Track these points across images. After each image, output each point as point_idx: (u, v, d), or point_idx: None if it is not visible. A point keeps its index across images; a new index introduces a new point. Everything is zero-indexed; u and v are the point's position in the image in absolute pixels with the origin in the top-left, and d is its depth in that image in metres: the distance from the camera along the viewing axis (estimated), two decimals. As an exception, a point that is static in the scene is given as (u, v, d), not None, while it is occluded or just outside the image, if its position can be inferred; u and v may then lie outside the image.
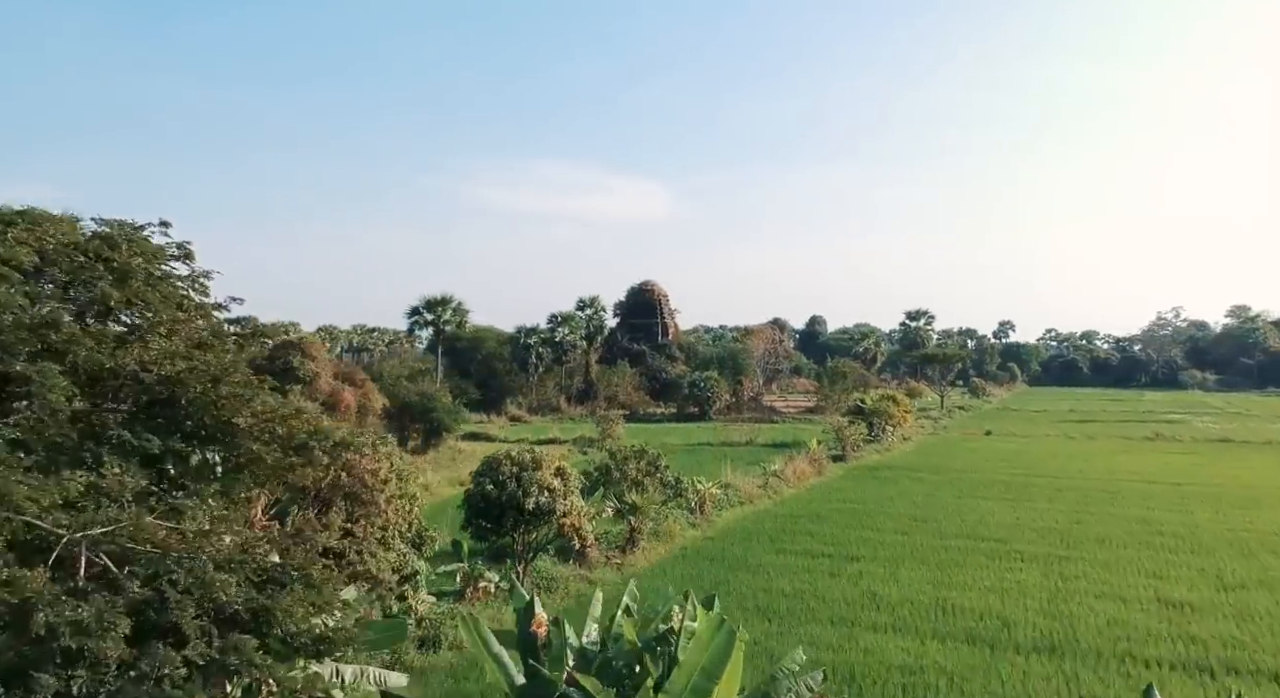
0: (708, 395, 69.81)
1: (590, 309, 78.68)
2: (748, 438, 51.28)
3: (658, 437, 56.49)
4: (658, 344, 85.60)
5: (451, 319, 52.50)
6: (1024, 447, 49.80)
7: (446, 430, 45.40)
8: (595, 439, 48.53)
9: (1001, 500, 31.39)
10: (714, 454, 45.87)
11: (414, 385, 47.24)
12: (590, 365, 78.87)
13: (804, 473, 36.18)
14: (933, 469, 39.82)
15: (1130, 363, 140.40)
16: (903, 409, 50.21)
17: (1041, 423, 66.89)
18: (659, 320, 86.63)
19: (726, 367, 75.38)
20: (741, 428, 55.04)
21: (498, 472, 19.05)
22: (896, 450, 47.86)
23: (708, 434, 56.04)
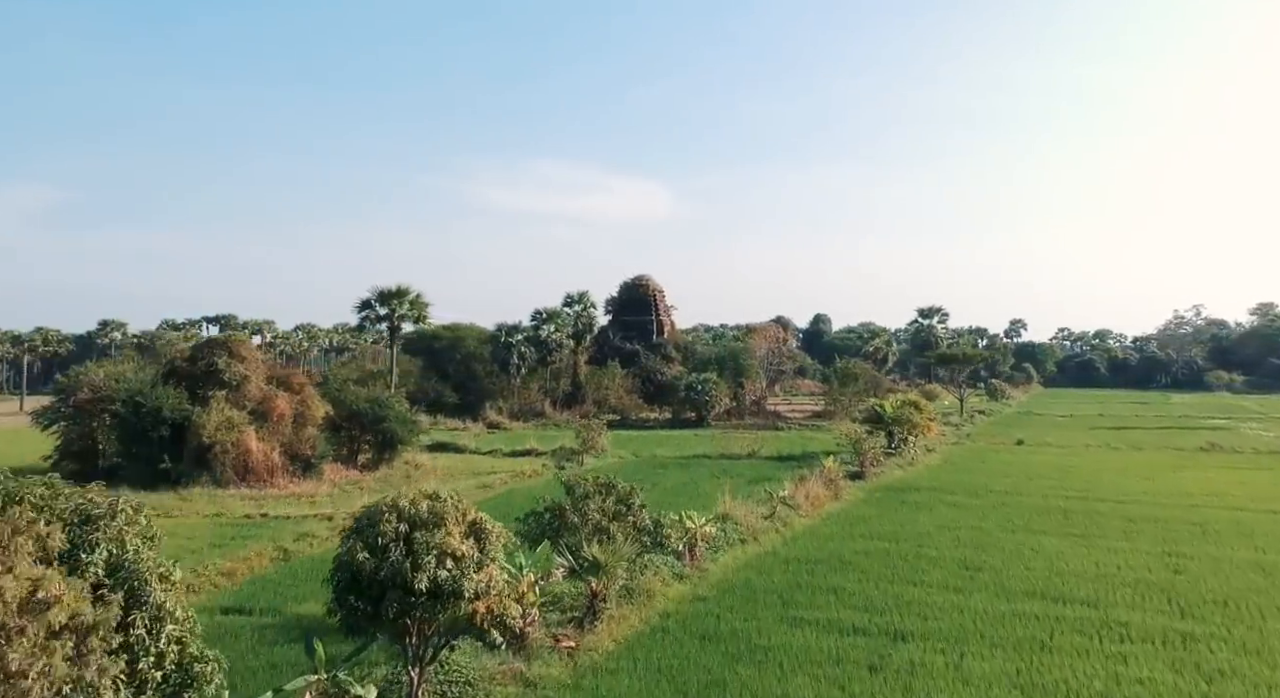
0: (705, 399, 63.64)
1: (579, 305, 72.53)
2: (750, 450, 45.10)
3: (648, 446, 50.36)
4: (652, 343, 79.44)
5: (409, 313, 46.00)
6: (1065, 460, 43.56)
7: (401, 443, 39.19)
8: (577, 450, 42.36)
9: (1067, 536, 25.19)
10: (711, 470, 39.69)
11: (364, 390, 41.00)
12: (579, 366, 72.72)
13: (818, 498, 29.98)
14: (970, 490, 33.61)
15: (1150, 363, 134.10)
16: (926, 416, 44.02)
17: (1073, 430, 60.64)
18: (653, 317, 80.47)
19: (726, 368, 69.24)
20: (743, 437, 48.89)
21: (376, 531, 12.79)
22: (921, 465, 41.64)
23: (705, 444, 49.87)
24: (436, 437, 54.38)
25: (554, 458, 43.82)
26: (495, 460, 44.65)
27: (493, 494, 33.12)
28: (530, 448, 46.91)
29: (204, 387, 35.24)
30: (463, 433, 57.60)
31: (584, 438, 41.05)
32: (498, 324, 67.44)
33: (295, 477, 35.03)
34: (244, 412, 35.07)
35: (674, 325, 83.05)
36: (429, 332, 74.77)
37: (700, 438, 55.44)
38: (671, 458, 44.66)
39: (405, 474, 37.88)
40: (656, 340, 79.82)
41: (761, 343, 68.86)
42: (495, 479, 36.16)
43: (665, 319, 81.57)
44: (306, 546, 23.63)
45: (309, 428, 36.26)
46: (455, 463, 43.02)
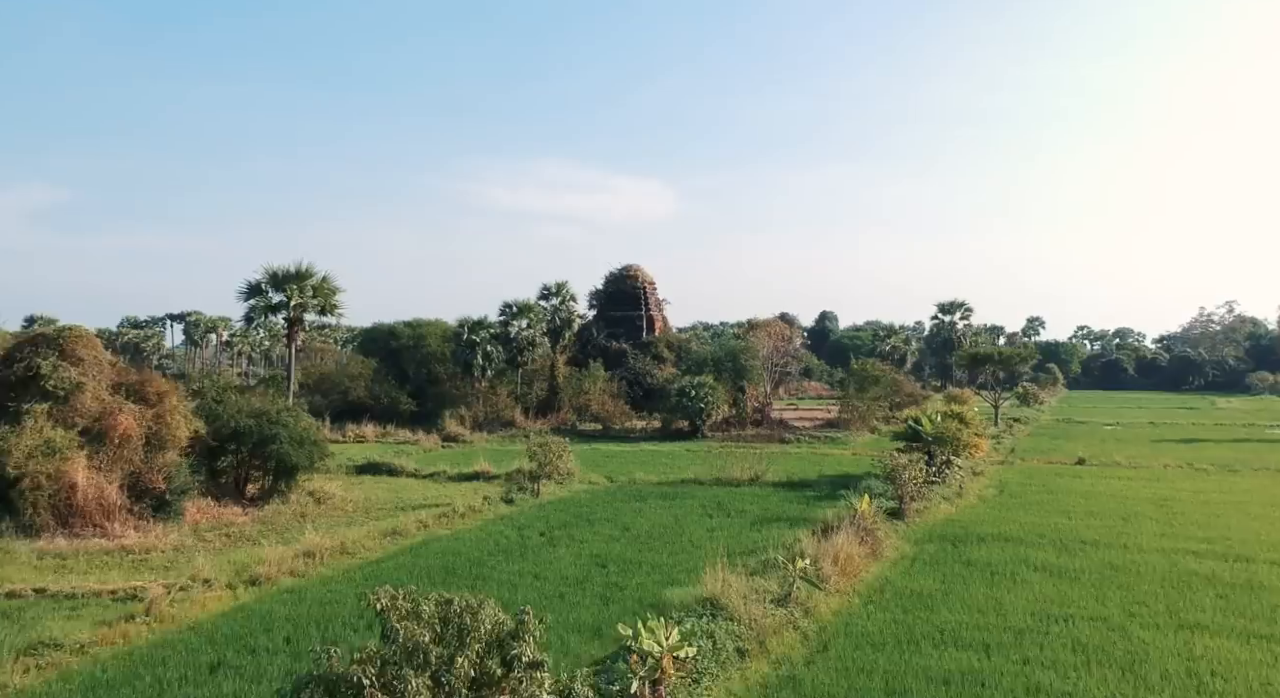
0: (700, 407, 54.61)
1: (556, 298, 63.48)
2: (752, 473, 36.07)
3: (629, 466, 41.28)
4: (641, 341, 70.43)
5: (313, 301, 36.45)
6: (1154, 489, 34.51)
7: (300, 469, 30.16)
8: (536, 473, 33.31)
9: (1248, 637, 16.17)
10: (702, 503, 30.70)
11: (252, 401, 31.74)
12: (556, 367, 63.68)
13: (852, 560, 20.90)
14: (1056, 540, 24.56)
15: (1182, 364, 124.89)
16: (973, 433, 34.98)
17: (1134, 443, 51.57)
18: (643, 312, 71.44)
19: (725, 369, 60.19)
20: (744, 454, 39.93)
21: None
22: (972, 495, 32.59)
23: (698, 463, 40.87)
24: (377, 453, 45.43)
25: (508, 483, 34.88)
26: (434, 487, 35.69)
27: (398, 546, 24.12)
28: (480, 470, 37.93)
29: (18, 398, 26.24)
30: (410, 448, 48.57)
31: (540, 460, 32.01)
32: (460, 319, 58.42)
33: (143, 519, 26.00)
34: (73, 431, 26.07)
35: (666, 321, 74.06)
36: (386, 328, 65.92)
37: (693, 453, 46.42)
38: (654, 484, 35.64)
39: (299, 512, 28.86)
40: (646, 338, 70.82)
41: (765, 340, 59.83)
42: (415, 521, 27.09)
43: (657, 314, 72.55)
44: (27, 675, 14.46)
45: (167, 453, 27.22)
46: (379, 492, 34.02)
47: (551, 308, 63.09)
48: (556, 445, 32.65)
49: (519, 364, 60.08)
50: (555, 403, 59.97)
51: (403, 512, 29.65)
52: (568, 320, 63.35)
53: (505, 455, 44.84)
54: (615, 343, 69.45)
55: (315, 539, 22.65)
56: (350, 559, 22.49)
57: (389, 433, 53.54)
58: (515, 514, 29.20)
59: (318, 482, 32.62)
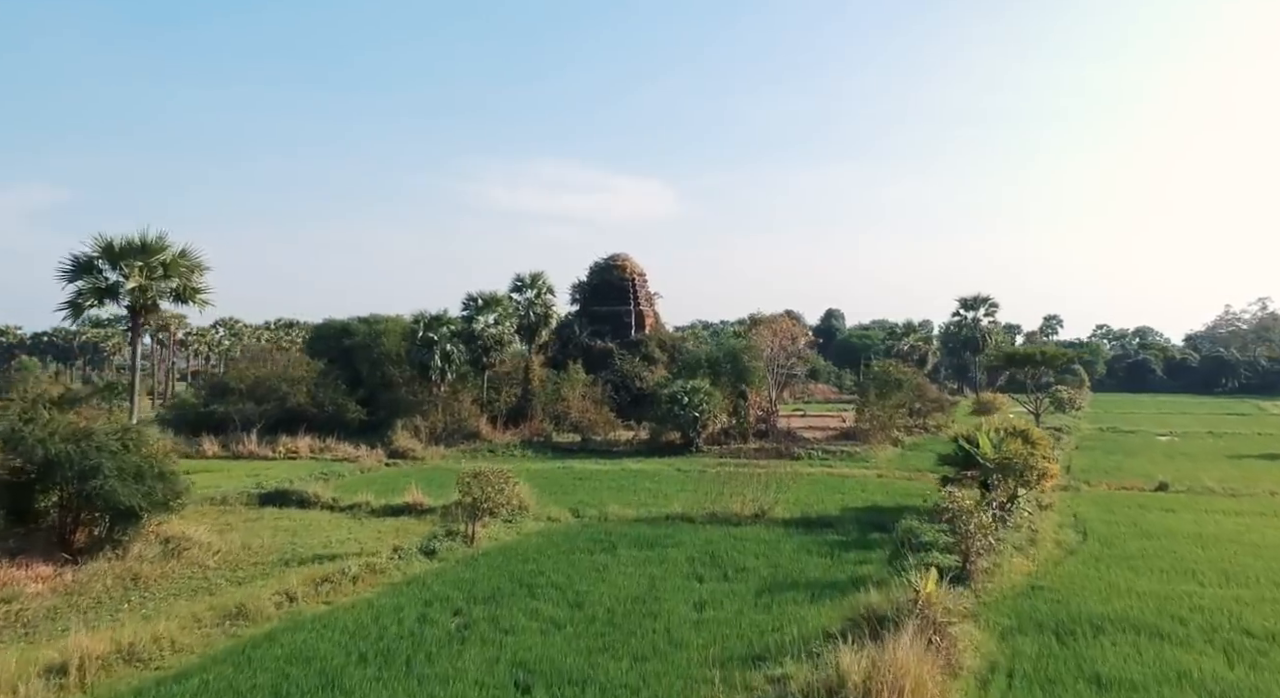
0: (694, 416, 46.64)
1: (531, 290, 55.48)
2: (756, 506, 28.11)
3: (602, 493, 33.26)
4: (630, 340, 62.45)
5: (165, 284, 27.90)
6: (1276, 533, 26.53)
7: (141, 511, 22.10)
8: (476, 506, 25.14)
9: None
10: (689, 555, 22.76)
11: (61, 420, 23.50)
12: (531, 370, 55.70)
13: (921, 686, 12.90)
14: (1207, 628, 16.57)
15: (1214, 364, 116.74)
16: (1042, 456, 26.97)
17: (1209, 460, 43.55)
18: (631, 307, 63.44)
19: (724, 371, 52.24)
20: (746, 475, 32.02)
21: None
22: (1049, 541, 24.57)
23: (688, 489, 32.97)
24: (303, 473, 37.61)
25: (443, 520, 26.97)
26: (346, 526, 27.76)
27: (230, 643, 16.15)
28: (411, 502, 29.97)
29: None
30: (344, 467, 40.62)
31: (474, 496, 23.93)
32: (415, 314, 50.37)
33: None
34: None
35: (659, 318, 66.06)
36: (338, 325, 57.92)
37: (684, 474, 38.47)
38: (631, 522, 27.66)
39: (131, 573, 20.87)
40: (636, 336, 62.84)
41: (770, 339, 51.83)
42: (277, 593, 19.06)
43: (647, 309, 64.57)
44: None
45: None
46: (270, 535, 26.09)
47: (525, 302, 55.09)
48: (495, 477, 24.59)
49: (485, 366, 52.05)
50: (528, 411, 51.97)
51: (282, 569, 21.77)
52: (544, 316, 55.36)
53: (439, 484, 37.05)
54: (600, 342, 61.52)
55: (83, 642, 14.65)
56: (135, 674, 14.55)
57: (328, 447, 45.60)
58: (433, 575, 21.25)
59: (180, 524, 24.63)
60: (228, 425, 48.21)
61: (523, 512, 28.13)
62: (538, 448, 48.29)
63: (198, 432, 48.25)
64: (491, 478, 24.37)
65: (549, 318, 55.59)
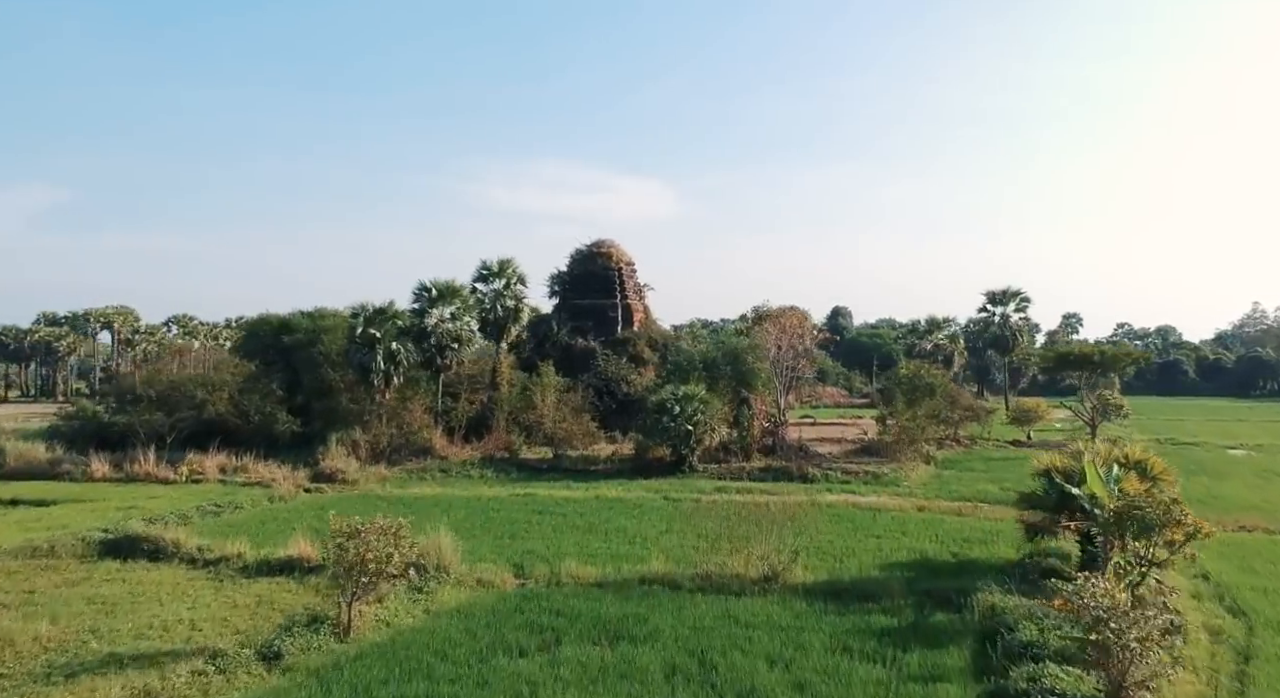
0: (687, 428, 38.75)
1: (499, 280, 47.59)
2: (767, 566, 20.19)
3: (562, 538, 24.85)
4: (616, 338, 54.58)
5: None
6: None
7: None
8: (352, 578, 17.05)
9: None
10: (664, 674, 14.72)
11: None
12: (499, 373, 47.82)
13: None
14: None
15: (1251, 365, 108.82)
16: (1172, 499, 18.93)
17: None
18: (617, 301, 55.57)
19: (723, 374, 44.39)
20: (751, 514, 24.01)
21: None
22: (1201, 633, 16.65)
23: (675, 531, 25.14)
24: (197, 500, 29.89)
25: (331, 586, 18.96)
26: (196, 593, 19.90)
27: None
28: (296, 556, 22.06)
29: None
30: (255, 494, 32.70)
31: (352, 564, 16.00)
32: (354, 307, 42.42)
33: None
34: None
35: (649, 312, 58.16)
36: (276, 320, 49.99)
37: (674, 505, 30.62)
38: (591, 591, 19.73)
39: None
40: (622, 334, 54.96)
41: (778, 335, 43.88)
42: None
43: (636, 303, 56.69)
44: None
45: None
46: (82, 609, 18.24)
47: (492, 293, 47.22)
48: (382, 534, 16.64)
49: (440, 368, 44.06)
50: (492, 421, 44.06)
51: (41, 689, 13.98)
52: (515, 310, 47.46)
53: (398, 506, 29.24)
54: (581, 340, 53.67)
55: None
56: None
57: (243, 467, 37.72)
58: None
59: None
60: (131, 440, 40.40)
61: (442, 573, 20.28)
62: (501, 466, 40.44)
63: (100, 447, 40.53)
64: (376, 536, 16.45)
65: (520, 312, 47.71)
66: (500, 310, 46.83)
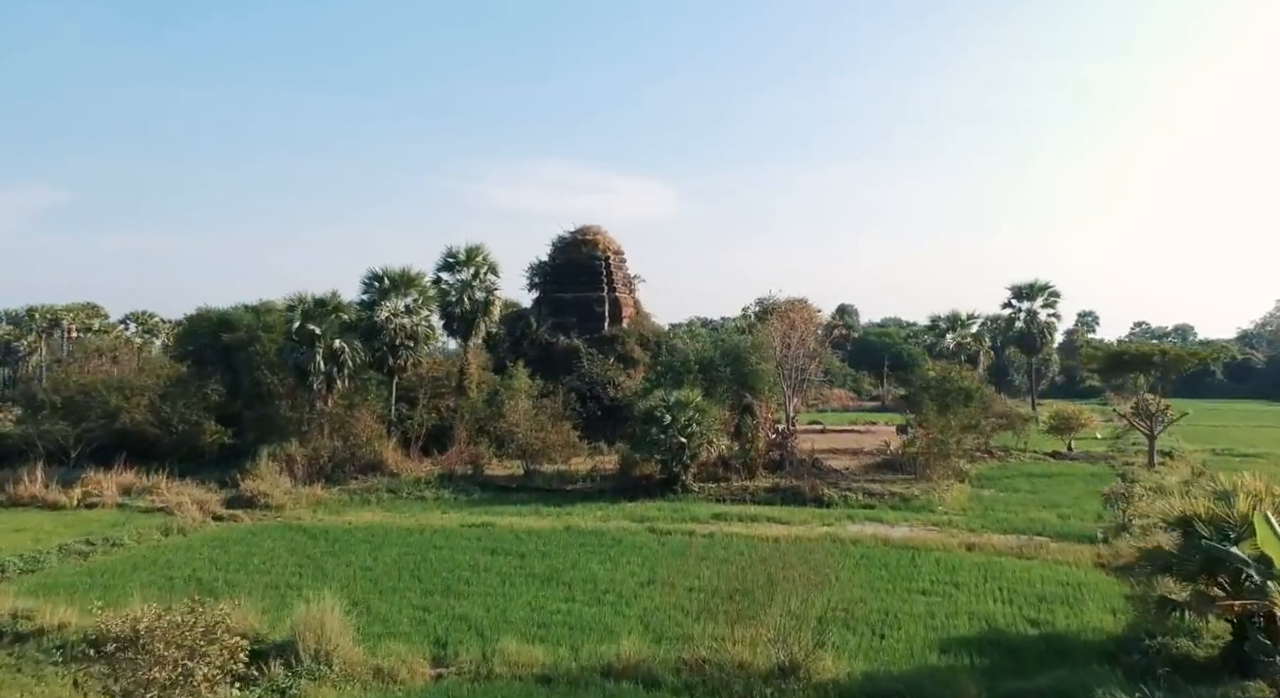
0: (680, 441, 32.70)
1: (467, 269, 41.57)
2: (787, 653, 14.16)
3: (508, 592, 17.19)
4: (603, 335, 48.56)
5: None
6: None
7: None
8: None
9: None
10: None
11: None
12: (467, 374, 41.82)
13: None
14: None
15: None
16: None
17: None
18: (604, 294, 49.50)
19: (721, 377, 38.38)
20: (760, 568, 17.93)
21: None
22: None
23: (656, 585, 19.12)
24: (64, 532, 24.03)
25: None
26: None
27: None
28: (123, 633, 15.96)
29: None
30: (151, 524, 26.66)
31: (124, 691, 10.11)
32: (290, 297, 36.43)
33: None
34: None
35: (640, 307, 52.06)
36: (216, 316, 43.99)
37: (660, 543, 24.68)
38: (525, 691, 13.70)
39: None
40: (609, 331, 48.91)
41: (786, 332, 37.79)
42: None
43: (625, 296, 50.61)
44: None
45: None
46: None
47: (459, 284, 41.22)
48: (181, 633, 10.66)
49: (393, 370, 37.98)
50: (446, 433, 38.01)
51: None
52: (485, 303, 41.44)
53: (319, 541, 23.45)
54: (564, 338, 47.64)
55: None
56: None
57: (152, 487, 31.75)
58: None
59: None
60: (29, 454, 34.54)
61: (322, 664, 14.31)
62: (462, 485, 34.47)
63: (3, 462, 34.80)
64: (167, 642, 10.44)
65: (491, 305, 41.69)
66: (468, 304, 40.83)
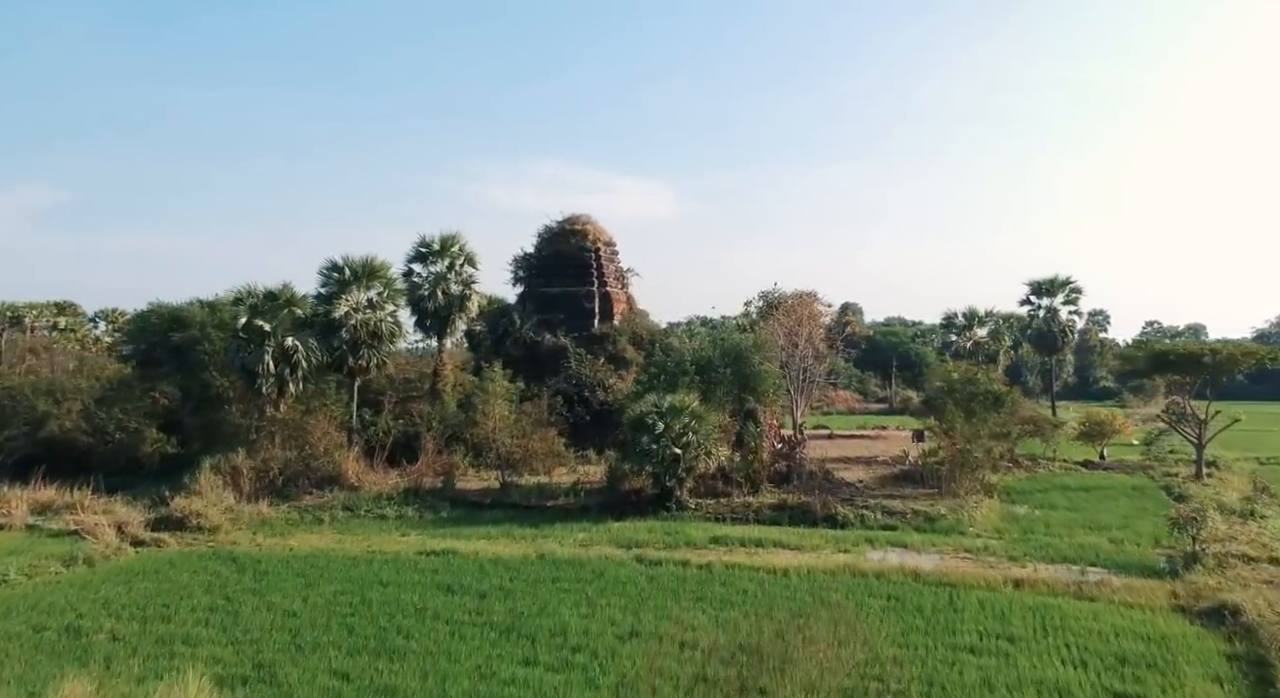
0: (673, 452, 28.81)
1: (442, 260, 37.73)
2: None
3: (456, 652, 13.57)
4: (593, 334, 44.70)
5: None
6: None
7: None
8: None
9: None
10: None
11: None
12: (441, 377, 37.97)
13: None
14: None
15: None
16: None
17: None
18: (594, 288, 45.61)
19: (722, 379, 34.52)
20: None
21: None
22: None
23: (645, 630, 15.19)
24: None
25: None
26: None
27: None
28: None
29: None
30: (58, 550, 22.83)
31: None
32: (235, 290, 32.55)
33: None
34: None
35: (632, 303, 48.17)
36: (167, 312, 40.15)
37: (651, 580, 20.84)
38: None
39: None
40: (600, 329, 45.03)
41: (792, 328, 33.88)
42: None
43: (617, 291, 46.73)
44: None
45: None
46: None
47: (433, 277, 37.41)
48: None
49: (354, 371, 34.08)
50: (417, 442, 34.11)
51: None
52: (462, 297, 37.63)
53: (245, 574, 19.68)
54: (550, 336, 43.78)
55: None
56: None
57: (73, 505, 27.92)
58: None
59: None
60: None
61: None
62: (430, 501, 30.63)
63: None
64: None
65: (468, 300, 37.87)
66: (441, 298, 37.02)
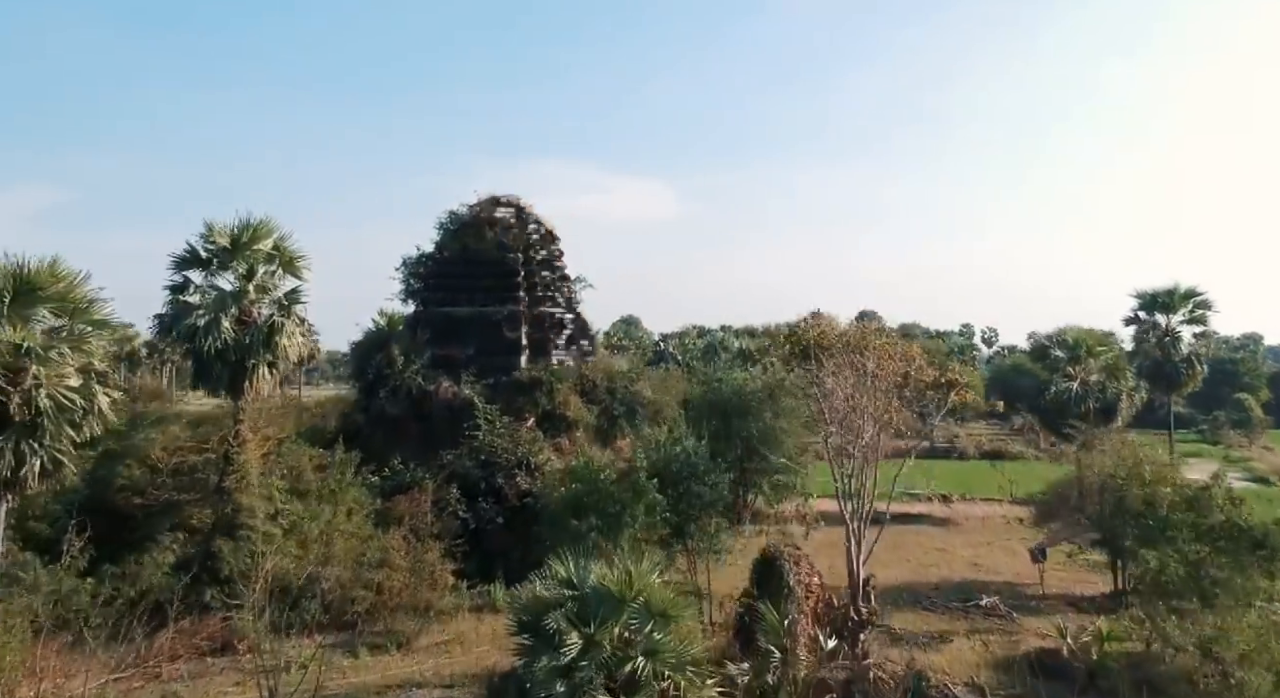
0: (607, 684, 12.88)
1: (240, 264, 21.86)
2: None
3: None
4: (516, 379, 28.80)
5: None
6: None
7: None
8: None
9: None
10: None
11: None
12: (239, 462, 22.00)
13: None
14: None
15: None
16: None
17: None
18: (520, 308, 29.58)
19: (710, 481, 18.61)
20: None
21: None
22: None
23: None
24: None
25: None
26: None
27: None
28: None
29: None
30: None
31: None
32: None
33: None
34: None
35: (584, 328, 32.01)
36: None
37: None
38: None
39: None
40: (528, 371, 29.13)
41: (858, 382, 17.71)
42: None
43: (556, 313, 30.69)
44: None
45: None
46: None
47: (215, 297, 21.60)
48: None
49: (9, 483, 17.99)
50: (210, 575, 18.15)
51: None
52: (268, 330, 21.69)
53: None
54: (449, 383, 27.96)
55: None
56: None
57: None
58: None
59: None
60: None
61: None
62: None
63: None
64: None
65: (277, 333, 22.01)
66: (229, 331, 21.20)
